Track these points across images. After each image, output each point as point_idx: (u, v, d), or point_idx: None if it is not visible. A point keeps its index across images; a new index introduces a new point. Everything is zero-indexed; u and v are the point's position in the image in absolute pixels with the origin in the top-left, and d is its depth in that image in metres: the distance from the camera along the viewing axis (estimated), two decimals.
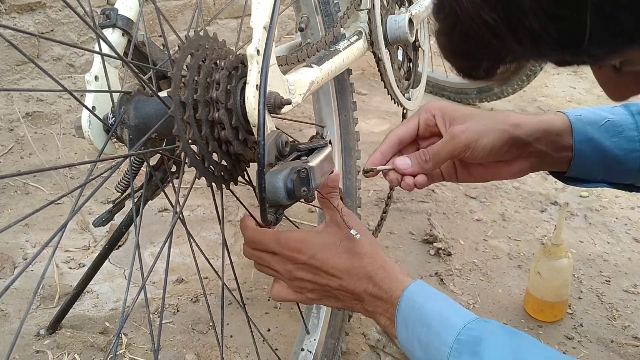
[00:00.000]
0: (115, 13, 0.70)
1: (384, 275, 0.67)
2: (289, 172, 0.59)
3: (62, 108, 1.90)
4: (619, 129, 0.77)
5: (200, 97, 0.60)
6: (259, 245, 0.71)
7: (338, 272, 0.68)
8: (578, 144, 0.76)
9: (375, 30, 1.00)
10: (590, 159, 0.77)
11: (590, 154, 0.77)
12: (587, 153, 0.76)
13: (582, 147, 0.76)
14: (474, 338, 0.57)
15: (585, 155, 0.76)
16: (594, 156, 0.77)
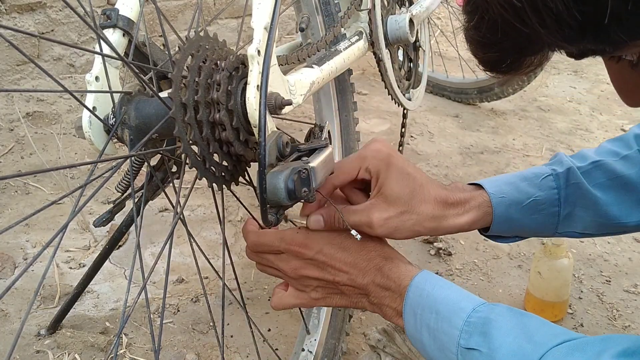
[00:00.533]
0: (115, 13, 0.70)
1: (392, 266, 0.67)
2: (290, 172, 0.59)
3: (63, 108, 1.90)
4: (541, 206, 0.81)
5: (201, 98, 0.60)
6: (262, 246, 0.71)
7: (345, 265, 0.68)
8: (496, 225, 0.79)
9: (376, 30, 1.00)
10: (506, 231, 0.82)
11: (506, 228, 0.81)
12: (504, 228, 0.80)
13: (500, 227, 0.80)
14: (483, 319, 0.58)
15: (501, 230, 0.81)
16: (509, 229, 0.81)
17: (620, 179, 0.80)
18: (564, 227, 0.82)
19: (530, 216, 0.80)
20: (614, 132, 2.16)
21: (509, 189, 0.80)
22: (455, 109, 2.26)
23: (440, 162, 1.83)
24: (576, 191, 0.80)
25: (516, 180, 0.81)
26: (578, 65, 2.78)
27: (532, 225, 0.81)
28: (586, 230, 0.82)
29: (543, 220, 0.81)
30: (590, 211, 0.80)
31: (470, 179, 1.72)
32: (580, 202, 0.80)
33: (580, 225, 0.82)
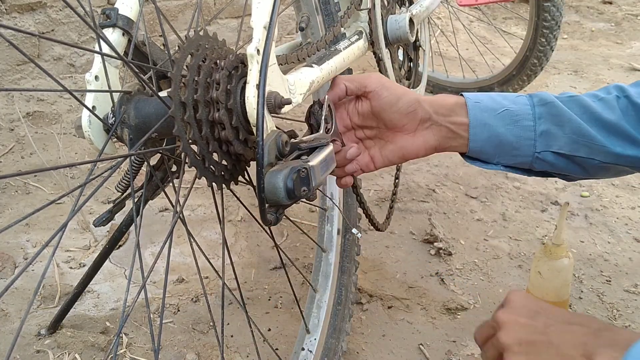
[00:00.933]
0: (115, 13, 0.70)
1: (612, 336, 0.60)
2: (289, 171, 0.59)
3: (63, 108, 1.90)
4: (515, 117, 0.83)
5: (201, 97, 0.60)
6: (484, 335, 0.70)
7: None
8: (473, 128, 0.82)
9: (376, 30, 1.00)
10: (486, 143, 0.84)
11: (485, 138, 0.83)
12: (482, 136, 0.83)
13: (477, 131, 0.83)
14: None
15: (480, 138, 0.83)
16: (489, 140, 0.83)
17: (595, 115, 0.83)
18: (541, 145, 0.83)
19: (506, 126, 0.83)
20: None
21: (484, 98, 0.85)
22: None
23: (441, 161, 1.83)
24: (551, 109, 0.83)
25: (492, 94, 0.87)
26: (578, 65, 2.78)
27: (509, 136, 0.83)
28: (562, 150, 0.83)
29: (519, 132, 0.83)
30: (567, 128, 0.82)
31: (470, 179, 1.72)
32: (556, 119, 0.83)
33: (556, 144, 0.83)
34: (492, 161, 0.87)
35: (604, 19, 3.46)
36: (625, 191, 1.67)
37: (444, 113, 0.83)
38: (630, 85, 0.85)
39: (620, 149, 0.82)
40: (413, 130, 0.83)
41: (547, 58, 2.01)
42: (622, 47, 3.10)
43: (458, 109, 0.83)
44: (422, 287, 1.26)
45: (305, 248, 1.37)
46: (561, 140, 0.83)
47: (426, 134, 0.84)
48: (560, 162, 0.85)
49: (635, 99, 0.83)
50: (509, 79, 2.11)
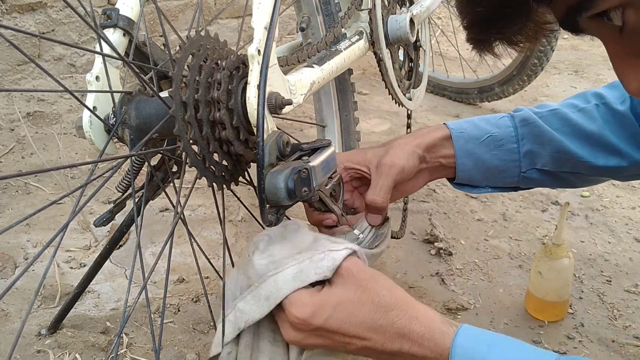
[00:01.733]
0: (116, 13, 0.70)
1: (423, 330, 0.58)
2: (290, 172, 0.59)
3: (63, 108, 1.90)
4: (499, 142, 0.85)
5: (202, 97, 0.60)
6: None
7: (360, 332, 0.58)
8: (460, 158, 0.84)
9: (377, 30, 1.00)
10: (473, 170, 0.85)
11: (472, 166, 0.85)
12: (469, 165, 0.85)
13: (463, 161, 0.84)
14: None
15: (467, 167, 0.85)
16: (475, 167, 0.85)
17: (576, 127, 0.83)
18: (526, 164, 0.85)
19: (491, 152, 0.84)
20: None
21: (468, 126, 0.86)
22: (456, 109, 2.26)
23: None
24: (532, 129, 0.84)
25: (475, 119, 0.88)
26: (579, 65, 2.78)
27: (495, 161, 0.84)
28: (546, 167, 0.85)
29: (504, 156, 0.84)
30: (548, 147, 0.84)
31: None
32: (538, 139, 0.84)
33: (540, 162, 0.84)
34: (480, 185, 0.88)
35: None
36: (626, 191, 1.67)
37: (433, 151, 0.84)
38: (606, 87, 0.86)
39: (602, 161, 0.83)
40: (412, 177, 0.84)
41: (547, 58, 2.00)
42: None
43: (444, 142, 0.85)
44: (422, 287, 1.26)
45: None
46: (544, 158, 0.85)
47: (421, 175, 0.85)
48: (546, 178, 0.87)
49: (614, 106, 0.83)
50: (509, 79, 2.11)
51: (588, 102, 0.85)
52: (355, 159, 0.81)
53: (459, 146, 0.84)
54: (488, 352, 0.54)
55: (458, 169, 0.85)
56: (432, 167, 0.85)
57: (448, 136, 0.84)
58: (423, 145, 0.82)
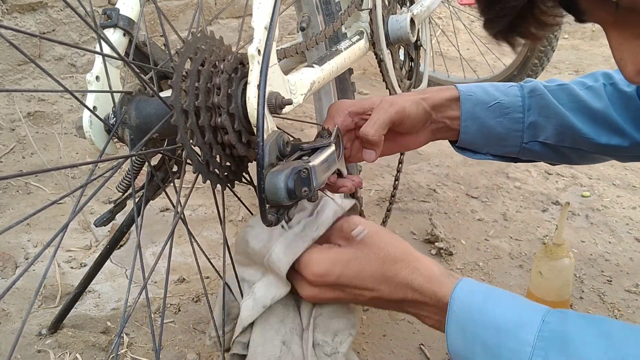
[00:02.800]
0: (116, 13, 0.70)
1: (423, 280, 0.62)
2: (290, 172, 0.59)
3: (64, 108, 1.90)
4: (505, 110, 0.85)
5: (202, 104, 0.60)
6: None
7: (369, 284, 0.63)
8: (464, 121, 0.85)
9: (377, 31, 1.00)
10: (476, 134, 0.86)
11: (475, 130, 0.85)
12: (473, 129, 0.85)
13: (468, 124, 0.85)
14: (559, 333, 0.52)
15: (470, 131, 0.85)
16: (479, 132, 0.86)
17: (582, 104, 0.84)
18: (528, 136, 0.85)
19: (496, 118, 0.85)
20: None
21: (477, 90, 0.86)
22: None
23: (442, 162, 1.83)
24: (539, 101, 0.85)
25: (485, 85, 0.88)
26: (579, 65, 2.78)
27: (498, 128, 0.85)
28: (548, 140, 0.85)
29: (508, 124, 0.85)
30: (553, 120, 0.84)
31: (471, 179, 1.72)
32: (543, 111, 0.84)
33: (542, 134, 0.85)
34: (481, 151, 0.89)
35: None
36: (627, 191, 1.67)
37: (440, 110, 0.85)
38: (616, 71, 0.86)
39: (605, 139, 0.84)
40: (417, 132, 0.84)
41: (548, 58, 2.01)
42: None
43: (452, 103, 0.85)
44: None
45: None
46: (548, 131, 0.85)
47: (424, 132, 0.86)
48: (546, 151, 0.87)
49: (621, 87, 0.84)
50: (510, 79, 2.11)
51: (596, 81, 0.86)
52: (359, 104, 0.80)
53: (465, 109, 0.84)
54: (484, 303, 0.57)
55: (462, 131, 0.85)
56: (436, 126, 0.85)
57: (456, 97, 0.85)
58: (430, 101, 0.82)
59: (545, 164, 1.83)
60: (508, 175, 1.76)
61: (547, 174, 1.77)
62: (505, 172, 1.77)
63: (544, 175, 1.75)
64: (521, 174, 1.76)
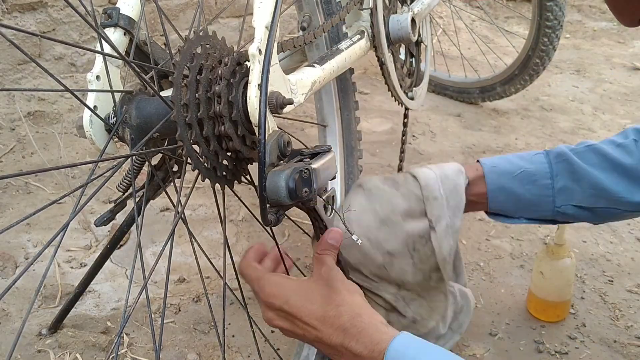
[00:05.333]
0: (117, 12, 0.69)
1: (362, 327, 0.61)
2: (291, 171, 0.58)
3: (64, 107, 1.90)
4: (532, 178, 0.86)
5: (204, 115, 0.60)
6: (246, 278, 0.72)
7: (313, 321, 0.64)
8: (491, 192, 0.86)
9: (379, 35, 0.99)
10: (505, 203, 0.87)
11: (504, 199, 0.87)
12: (501, 198, 0.87)
13: (495, 194, 0.87)
14: None
15: (499, 200, 0.87)
16: (507, 201, 0.87)
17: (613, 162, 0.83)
18: (560, 200, 0.85)
19: (524, 186, 0.85)
20: (617, 131, 2.14)
21: (501, 161, 0.88)
22: (457, 108, 2.26)
23: (442, 161, 1.82)
24: (567, 166, 0.85)
25: (509, 156, 0.89)
26: (581, 65, 2.78)
27: (528, 195, 0.85)
28: (581, 203, 0.85)
29: (537, 191, 0.85)
30: (583, 183, 0.84)
31: None
32: (573, 176, 0.84)
33: (575, 198, 0.85)
34: (514, 216, 0.90)
35: (606, 18, 3.45)
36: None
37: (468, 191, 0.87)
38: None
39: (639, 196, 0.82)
40: None
41: (549, 57, 2.00)
42: (624, 47, 3.09)
43: (476, 180, 0.87)
44: None
45: (306, 248, 1.37)
46: (580, 195, 0.85)
47: None
48: (582, 213, 0.87)
49: None
50: (511, 78, 2.10)
51: (626, 138, 0.85)
52: None
53: (491, 180, 0.86)
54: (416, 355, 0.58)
55: (490, 201, 0.87)
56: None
57: (481, 175, 0.87)
58: None
59: None
60: None
61: None
62: None
63: None
64: None
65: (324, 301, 0.64)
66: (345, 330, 0.61)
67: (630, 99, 2.38)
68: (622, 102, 2.34)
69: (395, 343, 0.59)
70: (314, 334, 0.64)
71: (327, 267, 0.66)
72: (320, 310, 0.63)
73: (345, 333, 0.61)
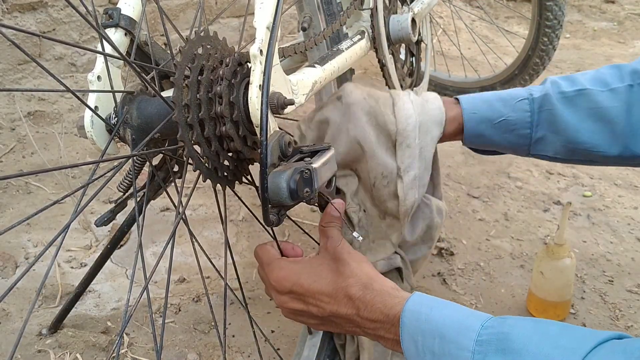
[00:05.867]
0: (117, 13, 0.69)
1: (374, 295, 0.62)
2: (292, 172, 0.59)
3: (64, 107, 1.90)
4: (512, 127, 0.84)
5: (205, 115, 0.60)
6: (258, 259, 0.71)
7: (324, 297, 0.64)
8: (468, 138, 0.86)
9: (379, 37, 0.99)
10: (480, 145, 0.88)
11: (480, 144, 0.88)
12: (477, 142, 0.87)
13: (471, 140, 0.87)
14: (497, 335, 0.52)
15: (475, 143, 0.88)
16: (484, 145, 0.88)
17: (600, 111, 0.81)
18: (536, 149, 0.85)
19: (502, 135, 0.84)
20: None
21: (483, 107, 0.85)
22: None
23: (442, 161, 1.82)
24: (549, 116, 0.83)
25: (492, 98, 0.86)
26: (581, 65, 2.78)
27: (504, 143, 0.85)
28: (557, 155, 0.85)
29: (515, 140, 0.84)
30: (562, 136, 0.83)
31: (472, 179, 1.72)
32: (553, 127, 0.83)
33: (551, 149, 0.84)
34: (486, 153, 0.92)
35: (606, 18, 3.45)
36: (628, 191, 1.66)
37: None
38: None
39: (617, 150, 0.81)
40: None
41: (549, 57, 2.00)
42: (624, 47, 3.10)
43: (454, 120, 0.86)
44: (424, 287, 1.26)
45: (306, 248, 1.37)
46: (557, 146, 0.84)
47: None
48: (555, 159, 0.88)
49: None
50: (511, 78, 2.10)
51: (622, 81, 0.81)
52: None
53: (469, 127, 0.85)
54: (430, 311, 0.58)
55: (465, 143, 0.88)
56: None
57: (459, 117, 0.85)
58: None
59: (546, 164, 1.83)
60: (509, 175, 1.75)
61: (548, 173, 1.77)
62: (507, 172, 1.77)
63: (545, 175, 1.75)
64: (522, 173, 1.76)
65: (333, 275, 0.64)
66: (358, 299, 0.62)
67: None
68: None
69: (409, 304, 0.59)
70: (328, 309, 0.64)
71: (333, 240, 0.67)
72: (331, 285, 0.63)
73: (358, 302, 0.62)
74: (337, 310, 0.63)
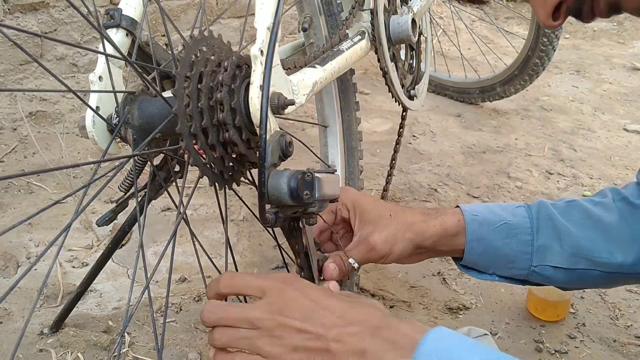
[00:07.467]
0: (119, 13, 0.70)
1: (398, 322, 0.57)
2: (294, 172, 0.59)
3: (66, 107, 1.90)
4: (513, 232, 0.82)
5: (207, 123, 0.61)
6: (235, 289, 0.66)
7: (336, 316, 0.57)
8: (470, 243, 0.82)
9: (379, 38, 1.00)
10: (481, 256, 0.83)
11: (481, 251, 0.82)
12: (478, 250, 0.82)
13: (473, 245, 0.82)
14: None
15: (476, 252, 0.82)
16: (484, 253, 0.82)
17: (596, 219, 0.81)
18: (538, 259, 0.82)
19: (503, 240, 0.81)
20: (616, 131, 2.15)
21: (483, 210, 0.84)
22: (457, 109, 2.26)
23: (442, 161, 1.83)
24: (549, 223, 0.82)
25: (491, 205, 0.86)
26: (580, 65, 2.78)
27: (506, 250, 0.82)
28: (560, 264, 0.82)
29: (517, 247, 0.82)
30: (565, 242, 0.81)
31: (472, 179, 1.72)
32: (554, 233, 0.81)
33: (554, 259, 0.82)
34: (487, 272, 0.86)
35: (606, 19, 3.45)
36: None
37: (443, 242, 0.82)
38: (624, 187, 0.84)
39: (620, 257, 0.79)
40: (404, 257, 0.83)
41: (549, 58, 2.01)
42: (624, 47, 3.10)
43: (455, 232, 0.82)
44: (424, 286, 1.26)
45: None
46: (559, 255, 0.82)
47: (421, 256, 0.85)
48: (559, 275, 0.83)
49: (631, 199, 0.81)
50: (511, 78, 2.11)
51: (605, 197, 0.83)
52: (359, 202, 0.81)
53: (471, 230, 0.81)
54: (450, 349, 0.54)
55: (467, 253, 0.83)
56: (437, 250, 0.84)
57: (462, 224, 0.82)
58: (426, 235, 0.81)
59: (546, 164, 1.83)
60: (509, 175, 1.76)
61: (548, 173, 1.77)
62: (507, 172, 1.77)
63: (545, 175, 1.75)
64: (522, 173, 1.76)
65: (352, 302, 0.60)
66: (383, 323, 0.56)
67: (630, 99, 2.38)
68: (622, 102, 2.35)
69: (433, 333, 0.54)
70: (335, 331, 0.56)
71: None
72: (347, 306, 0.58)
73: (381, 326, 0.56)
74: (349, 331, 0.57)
